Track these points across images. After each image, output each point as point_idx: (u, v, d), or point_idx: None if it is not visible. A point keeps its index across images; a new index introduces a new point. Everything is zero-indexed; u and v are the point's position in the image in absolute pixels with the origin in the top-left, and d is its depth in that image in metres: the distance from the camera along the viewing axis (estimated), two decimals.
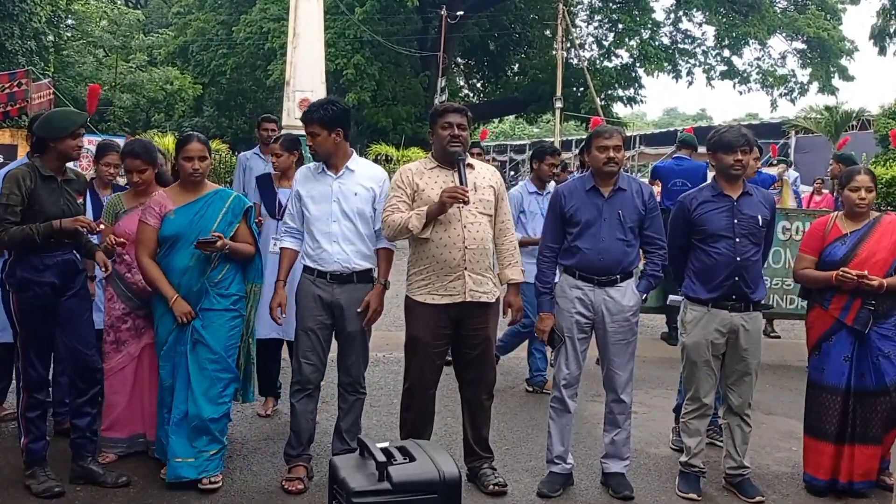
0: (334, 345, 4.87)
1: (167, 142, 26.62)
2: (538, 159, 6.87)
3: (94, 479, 4.58)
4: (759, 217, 4.74)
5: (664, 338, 8.92)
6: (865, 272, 4.54)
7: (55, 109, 4.74)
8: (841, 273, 4.60)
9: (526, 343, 6.90)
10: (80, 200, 4.65)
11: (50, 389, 5.01)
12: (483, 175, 4.77)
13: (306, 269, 4.79)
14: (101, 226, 4.73)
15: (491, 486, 4.67)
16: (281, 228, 5.00)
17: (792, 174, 13.28)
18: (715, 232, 4.71)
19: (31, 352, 4.50)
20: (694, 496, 4.76)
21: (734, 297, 4.70)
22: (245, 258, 4.79)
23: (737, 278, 4.68)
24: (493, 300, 4.73)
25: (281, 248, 4.87)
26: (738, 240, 4.69)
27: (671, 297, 5.38)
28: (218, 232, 4.59)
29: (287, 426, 5.06)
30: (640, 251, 4.91)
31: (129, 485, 4.59)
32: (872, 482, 4.80)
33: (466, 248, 4.56)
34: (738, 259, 4.68)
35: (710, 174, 5.82)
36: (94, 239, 4.87)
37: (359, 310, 4.70)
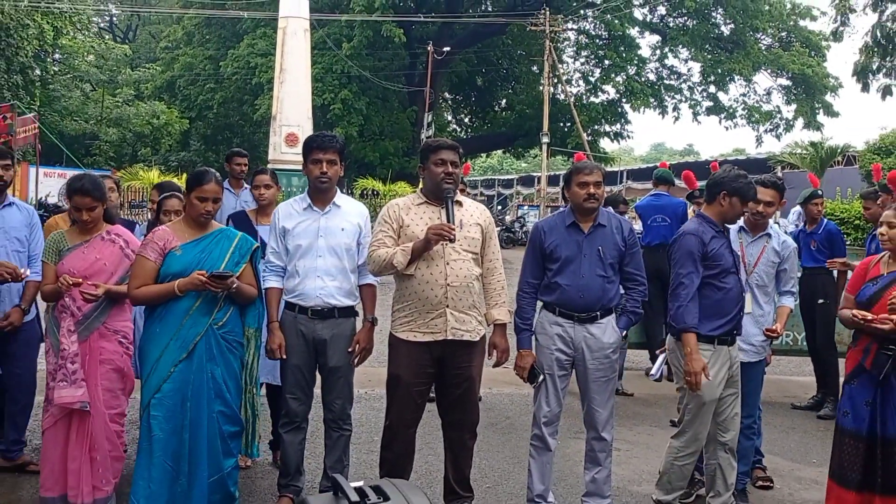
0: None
1: (152, 176, 26.71)
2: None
3: None
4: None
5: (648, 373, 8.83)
6: (868, 315, 4.34)
7: None
8: (852, 314, 4.44)
9: (502, 376, 6.86)
10: None
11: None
12: (470, 212, 4.70)
13: (288, 305, 4.75)
14: (27, 272, 4.47)
15: None
16: (262, 268, 4.82)
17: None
18: (727, 268, 4.72)
19: None
20: None
21: (735, 331, 4.73)
22: (247, 300, 4.52)
23: (740, 312, 4.76)
24: (478, 339, 4.65)
25: (266, 289, 4.72)
26: (739, 274, 4.79)
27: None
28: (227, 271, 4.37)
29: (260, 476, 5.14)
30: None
31: None
32: None
33: (448, 285, 4.50)
34: (743, 294, 4.79)
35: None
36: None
37: (350, 349, 4.69)
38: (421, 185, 4.80)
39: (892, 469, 4.41)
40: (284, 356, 4.67)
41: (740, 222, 5.33)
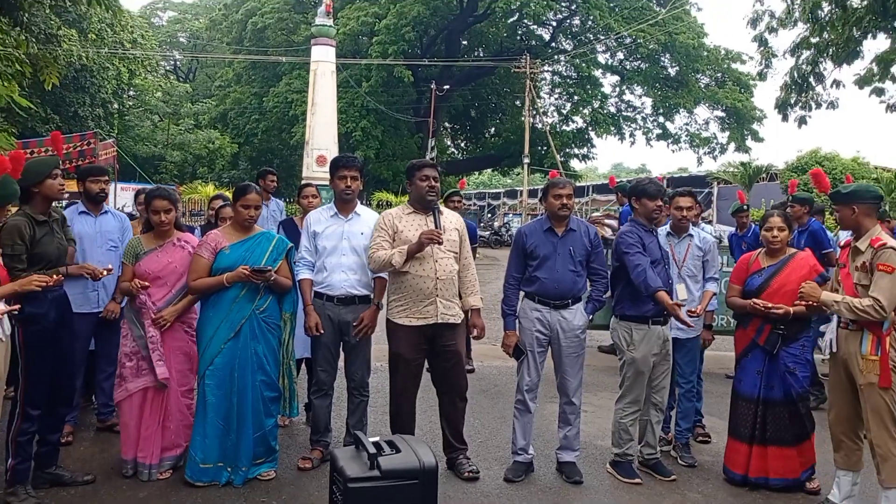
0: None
1: (209, 190, 26.70)
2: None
3: (62, 481, 4.25)
4: (664, 249, 4.93)
5: (605, 350, 8.76)
6: (769, 304, 4.46)
7: (31, 160, 4.41)
8: (752, 303, 4.55)
9: (492, 352, 6.83)
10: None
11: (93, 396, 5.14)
12: (449, 220, 4.73)
13: (317, 294, 4.72)
14: (105, 272, 4.37)
15: (466, 473, 4.62)
16: (296, 263, 4.79)
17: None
18: (656, 259, 4.73)
19: (33, 384, 4.02)
20: (638, 480, 4.69)
21: (665, 312, 4.67)
22: (283, 290, 4.54)
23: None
24: (460, 321, 4.68)
25: (300, 280, 4.70)
26: (666, 266, 4.80)
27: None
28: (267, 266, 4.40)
29: (295, 433, 5.14)
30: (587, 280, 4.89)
31: (94, 481, 4.32)
32: (792, 480, 4.57)
33: (438, 278, 4.52)
34: (671, 281, 4.79)
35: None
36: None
37: (354, 322, 4.64)
38: (408, 198, 4.80)
39: (777, 424, 4.55)
40: (322, 331, 4.61)
41: (668, 227, 5.31)
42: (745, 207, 8.06)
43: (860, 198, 4.16)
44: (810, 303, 4.24)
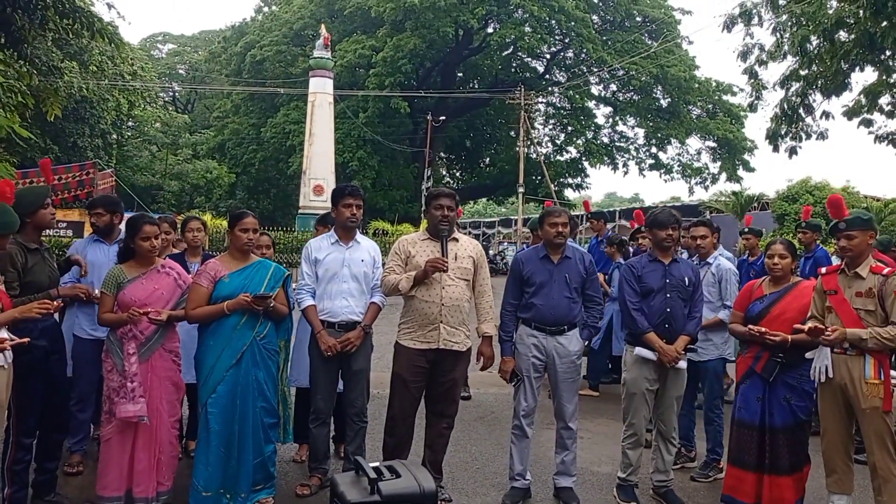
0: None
1: (206, 219, 26.73)
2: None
3: None
4: (686, 278, 4.80)
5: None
6: (763, 329, 4.40)
7: (22, 188, 4.34)
8: (749, 329, 4.51)
9: (489, 379, 6.82)
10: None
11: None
12: (465, 247, 4.72)
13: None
14: (97, 292, 4.29)
15: (438, 502, 4.49)
16: (298, 290, 4.78)
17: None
18: (653, 288, 4.74)
19: (24, 413, 4.01)
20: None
21: (665, 340, 4.68)
22: (281, 318, 4.53)
23: (667, 325, 4.71)
24: (465, 350, 4.66)
25: (306, 308, 4.70)
26: (668, 294, 4.73)
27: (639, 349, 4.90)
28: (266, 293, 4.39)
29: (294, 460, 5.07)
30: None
31: None
32: None
33: (443, 305, 4.54)
34: (668, 310, 4.72)
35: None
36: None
37: (339, 339, 4.61)
38: (426, 224, 4.84)
39: (776, 452, 4.45)
40: (337, 351, 4.58)
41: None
42: (744, 230, 8.18)
43: (873, 226, 4.30)
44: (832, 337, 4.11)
